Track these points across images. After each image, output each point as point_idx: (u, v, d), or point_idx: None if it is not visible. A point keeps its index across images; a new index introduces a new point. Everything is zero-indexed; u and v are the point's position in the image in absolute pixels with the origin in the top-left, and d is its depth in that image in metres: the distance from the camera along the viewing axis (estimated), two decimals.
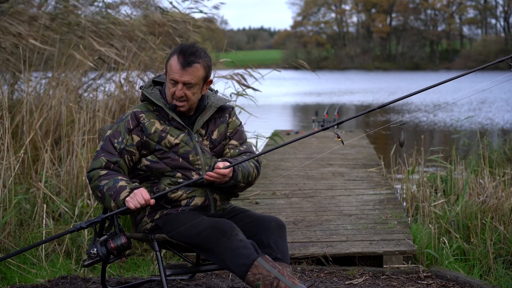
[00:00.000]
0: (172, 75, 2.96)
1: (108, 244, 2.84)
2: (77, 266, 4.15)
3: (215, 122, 3.13)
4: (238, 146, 3.15)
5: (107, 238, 2.85)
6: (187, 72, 2.94)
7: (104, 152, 2.98)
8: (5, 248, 4.15)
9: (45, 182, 5.04)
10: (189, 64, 2.94)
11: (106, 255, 2.83)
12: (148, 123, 3.01)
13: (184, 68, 2.94)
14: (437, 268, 3.90)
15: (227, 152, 3.12)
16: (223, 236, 2.79)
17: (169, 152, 3.01)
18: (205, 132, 3.09)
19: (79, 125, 5.69)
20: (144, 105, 3.09)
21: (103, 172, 2.94)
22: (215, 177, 2.89)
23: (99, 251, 2.82)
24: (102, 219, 2.90)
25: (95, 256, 2.83)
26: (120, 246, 2.84)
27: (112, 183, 2.89)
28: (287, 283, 2.69)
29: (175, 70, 2.95)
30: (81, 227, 2.89)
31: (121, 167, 2.98)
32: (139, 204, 2.83)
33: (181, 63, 2.94)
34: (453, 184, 5.72)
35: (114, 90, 7.04)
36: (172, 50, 3.02)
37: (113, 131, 3.02)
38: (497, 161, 7.25)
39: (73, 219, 4.63)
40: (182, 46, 2.99)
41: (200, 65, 2.97)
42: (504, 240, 4.36)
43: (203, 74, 2.99)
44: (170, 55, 3.00)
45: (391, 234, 4.50)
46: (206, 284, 3.62)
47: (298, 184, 6.57)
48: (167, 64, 3.01)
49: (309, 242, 4.37)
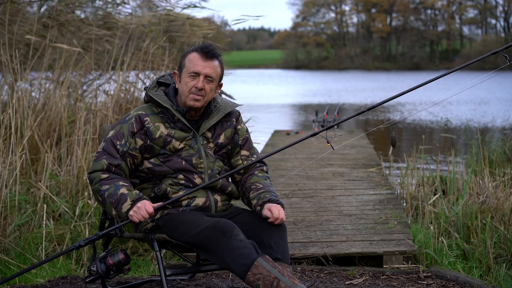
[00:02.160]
0: (194, 67, 2.96)
1: (107, 260, 2.91)
2: (77, 266, 4.15)
3: (222, 125, 3.12)
4: (249, 156, 3.17)
5: (105, 255, 2.92)
6: (209, 65, 2.97)
7: (106, 154, 2.97)
8: (5, 248, 4.16)
9: (49, 180, 5.04)
10: (211, 57, 2.98)
11: (106, 272, 2.90)
12: (153, 128, 2.99)
13: (207, 60, 2.96)
14: (437, 268, 3.90)
15: (240, 163, 3.14)
16: (223, 236, 2.79)
17: (172, 155, 3.00)
18: (212, 135, 3.08)
19: (79, 125, 5.69)
20: (149, 107, 3.06)
21: (104, 176, 2.93)
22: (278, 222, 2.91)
23: (99, 268, 2.90)
24: (99, 236, 2.96)
25: (95, 273, 2.90)
26: (117, 262, 2.91)
27: (113, 190, 2.89)
28: (287, 283, 2.69)
29: (197, 62, 2.96)
30: (80, 245, 2.95)
31: (122, 170, 2.97)
32: (143, 218, 2.86)
33: (205, 55, 2.97)
34: (453, 184, 5.72)
35: (114, 91, 7.04)
36: (188, 50, 3.04)
37: (115, 132, 2.99)
38: (497, 161, 7.25)
39: (74, 219, 4.63)
40: (203, 44, 3.02)
41: (219, 63, 3.02)
42: (504, 240, 4.36)
43: (221, 72, 3.04)
44: (187, 53, 3.02)
45: (391, 234, 4.50)
46: (206, 284, 3.62)
47: (298, 184, 6.57)
48: (184, 60, 3.00)
49: (309, 242, 4.37)
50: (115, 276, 2.96)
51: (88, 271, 2.91)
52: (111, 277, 2.94)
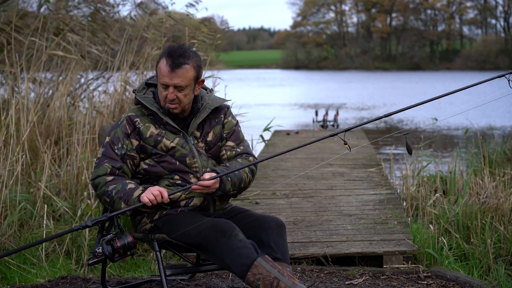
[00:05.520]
0: (162, 79, 2.93)
1: (114, 243, 2.82)
2: (77, 266, 4.15)
3: (210, 123, 3.10)
4: (234, 147, 3.12)
5: (113, 237, 2.83)
6: (177, 75, 2.90)
7: (106, 158, 2.96)
8: (6, 248, 4.16)
9: (49, 180, 5.04)
10: (178, 66, 2.90)
11: (111, 254, 2.81)
12: (144, 128, 3.00)
13: (174, 71, 2.90)
14: (437, 268, 3.90)
15: (224, 153, 3.10)
16: (223, 236, 2.79)
17: (166, 155, 3.00)
18: (200, 134, 3.07)
19: (79, 125, 5.69)
20: (138, 108, 3.06)
21: (109, 178, 2.92)
22: (200, 190, 2.87)
23: (105, 250, 2.80)
24: (109, 217, 2.89)
25: (100, 255, 2.80)
26: (127, 244, 2.83)
27: (120, 187, 2.88)
28: (287, 283, 2.69)
29: (165, 73, 2.91)
30: (86, 225, 2.87)
31: (125, 172, 2.98)
32: (154, 198, 2.81)
33: (170, 66, 2.90)
34: (453, 184, 5.72)
35: (113, 91, 7.03)
36: (161, 53, 2.98)
37: (111, 138, 3.00)
38: (497, 161, 7.25)
39: (74, 220, 4.63)
40: (170, 48, 2.95)
41: (189, 66, 2.93)
42: (504, 240, 4.36)
43: (194, 74, 2.95)
44: (159, 58, 2.97)
45: (391, 234, 4.50)
46: (206, 284, 3.62)
47: (298, 184, 6.57)
48: (157, 68, 2.97)
49: (309, 242, 4.37)
50: (119, 259, 2.87)
51: (92, 253, 2.81)
52: (116, 260, 2.85)
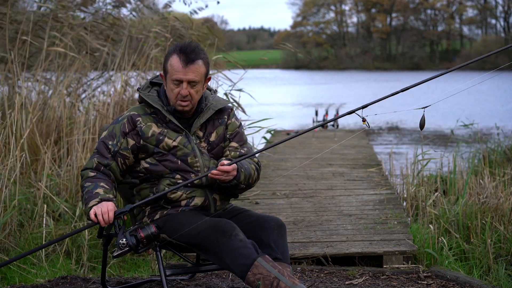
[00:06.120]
0: (176, 75, 2.92)
1: (138, 233, 2.82)
2: (77, 266, 4.15)
3: (213, 123, 3.10)
4: (238, 148, 3.12)
5: (136, 228, 2.84)
6: (191, 70, 2.91)
7: (98, 153, 3.00)
8: (6, 248, 4.16)
9: (49, 180, 5.04)
10: (191, 61, 2.91)
11: (135, 245, 2.81)
12: (145, 127, 3.00)
13: (188, 66, 2.91)
14: (437, 268, 3.90)
15: (228, 154, 3.10)
16: (223, 236, 2.79)
17: (168, 154, 3.00)
18: (203, 134, 3.07)
19: (79, 125, 5.69)
20: (142, 107, 3.07)
21: (91, 174, 2.96)
22: (219, 174, 2.87)
23: (129, 241, 2.80)
24: (131, 208, 2.90)
25: (124, 246, 2.79)
26: (151, 234, 2.83)
27: (91, 187, 2.90)
28: (287, 283, 2.69)
29: (178, 69, 2.91)
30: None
31: (112, 170, 2.99)
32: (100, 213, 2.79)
33: (184, 61, 2.91)
34: (453, 184, 5.72)
35: (112, 91, 7.03)
36: (170, 51, 2.98)
37: (108, 133, 3.03)
38: (497, 161, 7.25)
39: (74, 220, 4.63)
40: (181, 45, 2.95)
41: (202, 62, 2.95)
42: (504, 240, 4.36)
43: (205, 70, 2.98)
44: (168, 55, 2.96)
45: (391, 234, 4.50)
46: (206, 284, 3.62)
47: (298, 184, 6.57)
48: (166, 65, 2.97)
49: (309, 242, 4.37)
50: (143, 251, 2.87)
51: (117, 245, 2.79)
52: (140, 252, 2.86)
